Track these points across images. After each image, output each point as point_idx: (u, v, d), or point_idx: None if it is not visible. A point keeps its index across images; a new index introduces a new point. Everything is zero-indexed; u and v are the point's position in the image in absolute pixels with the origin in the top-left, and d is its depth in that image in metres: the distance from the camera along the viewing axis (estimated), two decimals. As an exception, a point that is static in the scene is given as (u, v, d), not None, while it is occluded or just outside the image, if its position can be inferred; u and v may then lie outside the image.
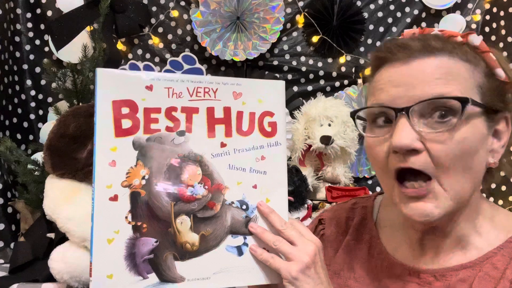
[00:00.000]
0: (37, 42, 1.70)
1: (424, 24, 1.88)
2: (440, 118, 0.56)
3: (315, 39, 1.81)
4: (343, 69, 1.86)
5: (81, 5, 1.53)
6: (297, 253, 0.59)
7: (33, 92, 1.70)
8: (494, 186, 0.63)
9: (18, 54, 1.68)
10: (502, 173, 0.65)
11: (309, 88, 1.86)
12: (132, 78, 0.60)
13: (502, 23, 1.91)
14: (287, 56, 1.84)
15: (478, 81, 0.58)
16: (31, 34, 1.69)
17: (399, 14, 1.88)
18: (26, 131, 1.69)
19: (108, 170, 0.58)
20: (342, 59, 1.84)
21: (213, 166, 0.62)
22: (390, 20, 1.88)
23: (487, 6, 1.89)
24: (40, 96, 1.71)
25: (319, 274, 0.60)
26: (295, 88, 1.85)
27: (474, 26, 1.89)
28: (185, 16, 1.78)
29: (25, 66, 1.69)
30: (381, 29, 1.87)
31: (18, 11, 1.67)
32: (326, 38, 1.81)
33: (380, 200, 0.77)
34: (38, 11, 1.69)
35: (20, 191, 1.43)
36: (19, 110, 1.68)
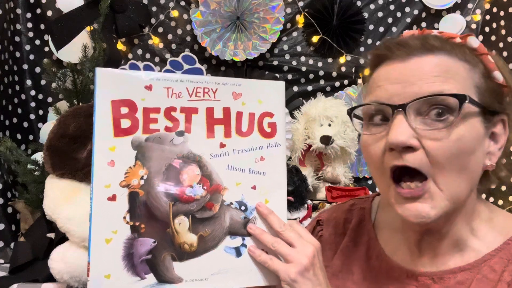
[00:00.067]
0: (37, 42, 1.70)
1: (424, 24, 1.88)
2: (437, 116, 0.55)
3: (315, 39, 1.81)
4: (343, 69, 1.86)
5: (81, 5, 1.53)
6: (296, 255, 0.59)
7: (33, 92, 1.70)
8: (494, 186, 0.63)
9: (18, 54, 1.68)
10: (503, 173, 0.64)
11: (309, 88, 1.86)
12: (132, 78, 0.60)
13: (502, 23, 1.91)
14: (287, 56, 1.84)
15: (476, 82, 0.57)
16: (31, 34, 1.69)
17: (399, 14, 1.88)
18: (26, 131, 1.69)
19: (107, 170, 0.58)
20: (342, 59, 1.84)
21: (212, 167, 0.62)
22: (390, 20, 1.88)
23: (487, 6, 1.89)
24: (40, 96, 1.71)
25: (318, 276, 0.60)
26: (295, 88, 1.84)
27: (474, 26, 1.89)
28: (185, 16, 1.78)
29: (25, 66, 1.69)
30: (381, 29, 1.87)
31: (18, 11, 1.67)
32: (326, 38, 1.80)
33: (378, 201, 0.77)
34: (38, 11, 1.69)
35: (20, 191, 1.43)
36: (19, 110, 1.68)
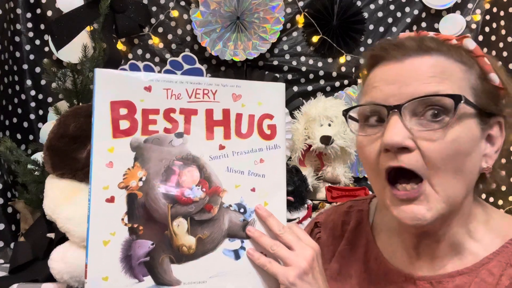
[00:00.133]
0: (37, 42, 1.70)
1: (424, 24, 1.88)
2: (433, 117, 0.55)
3: (315, 39, 1.81)
4: (343, 69, 1.86)
5: (81, 5, 1.53)
6: (295, 258, 0.59)
7: (33, 92, 1.70)
8: (494, 186, 0.63)
9: (18, 54, 1.68)
10: (503, 173, 0.64)
11: (309, 88, 1.86)
12: (131, 79, 0.59)
13: (502, 23, 1.91)
14: (287, 56, 1.84)
15: (472, 83, 0.57)
16: (31, 34, 1.69)
17: (399, 14, 1.88)
18: (26, 131, 1.69)
19: (105, 171, 0.58)
20: (342, 59, 1.84)
21: (211, 169, 0.62)
22: (390, 20, 1.87)
23: (487, 6, 1.89)
24: (40, 96, 1.71)
25: (317, 280, 0.59)
26: (295, 88, 1.84)
27: (474, 26, 1.89)
28: (185, 16, 1.78)
29: (25, 66, 1.69)
30: (381, 29, 1.87)
31: (18, 11, 1.67)
32: (326, 38, 1.80)
33: (376, 203, 0.76)
34: (38, 11, 1.69)
35: (20, 191, 1.43)
36: (19, 110, 1.68)
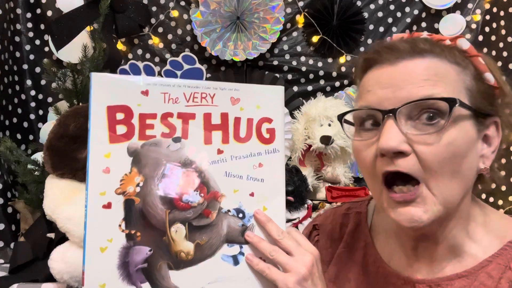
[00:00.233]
0: (37, 42, 1.70)
1: (424, 24, 1.88)
2: (428, 120, 0.54)
3: (315, 39, 1.81)
4: (343, 69, 1.86)
5: (81, 5, 1.53)
6: (294, 264, 0.58)
7: (33, 92, 1.70)
8: (494, 186, 0.62)
9: (18, 54, 1.68)
10: (503, 173, 0.64)
11: (309, 88, 1.86)
12: (128, 83, 0.59)
13: (502, 23, 1.91)
14: (287, 56, 1.84)
15: (467, 84, 0.57)
16: (31, 34, 1.69)
17: (399, 14, 1.88)
18: (26, 131, 1.69)
19: (102, 177, 0.57)
20: (342, 59, 1.84)
21: (210, 173, 0.61)
22: (390, 20, 1.87)
23: (487, 6, 1.89)
24: (40, 96, 1.71)
25: (316, 286, 0.59)
26: (295, 88, 1.84)
27: (474, 26, 1.89)
28: (185, 16, 1.78)
29: (25, 66, 1.69)
30: (381, 29, 1.87)
31: (18, 11, 1.67)
32: (326, 38, 1.80)
33: (374, 205, 0.76)
34: (38, 11, 1.69)
35: (20, 191, 1.43)
36: (19, 110, 1.68)
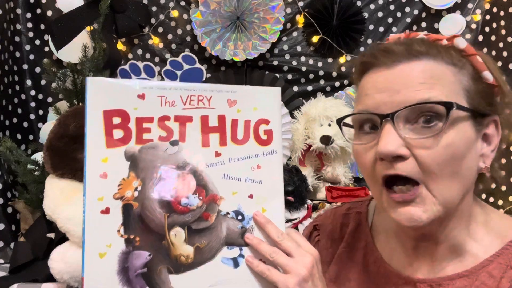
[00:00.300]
0: (37, 42, 1.70)
1: (424, 24, 1.88)
2: (426, 123, 0.55)
3: (315, 39, 1.81)
4: (343, 69, 1.86)
5: (81, 5, 1.53)
6: (294, 265, 0.58)
7: (33, 92, 1.70)
8: (494, 186, 0.62)
9: (18, 54, 1.68)
10: (503, 173, 0.64)
11: (309, 88, 1.86)
12: (124, 87, 0.58)
13: (502, 23, 1.91)
14: (287, 56, 1.84)
15: (465, 84, 0.57)
16: (31, 34, 1.69)
17: (399, 14, 1.88)
18: (26, 131, 1.69)
19: (99, 182, 0.56)
20: (342, 59, 1.84)
21: (208, 176, 0.61)
22: (390, 20, 1.87)
23: (487, 6, 1.89)
24: (40, 96, 1.71)
25: (317, 287, 0.59)
26: (295, 88, 1.84)
27: (474, 26, 1.89)
28: (185, 16, 1.78)
29: (25, 66, 1.68)
30: (381, 29, 1.87)
31: (18, 11, 1.67)
32: (326, 38, 1.80)
33: (375, 205, 0.76)
34: (38, 11, 1.69)
35: (20, 191, 1.43)
36: (19, 110, 1.68)
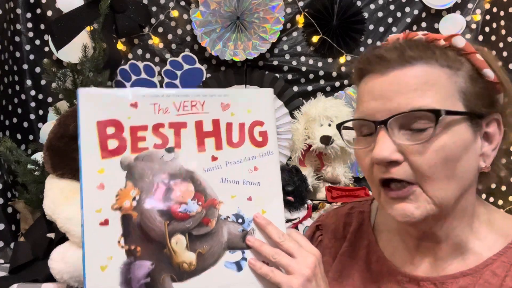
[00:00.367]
0: (37, 42, 1.70)
1: (424, 24, 1.88)
2: (418, 129, 0.56)
3: (315, 39, 1.81)
4: (343, 69, 1.86)
5: (81, 5, 1.53)
6: (297, 266, 0.58)
7: (33, 92, 1.70)
8: (494, 186, 0.63)
9: (18, 54, 1.68)
10: (502, 173, 0.64)
11: (309, 88, 1.86)
12: (116, 97, 0.58)
13: (502, 23, 1.91)
14: (287, 56, 1.84)
15: (461, 86, 0.57)
16: (31, 34, 1.69)
17: (399, 14, 1.88)
18: (26, 131, 1.69)
19: (97, 194, 0.56)
20: (342, 59, 1.84)
21: (206, 181, 0.60)
22: (390, 20, 1.87)
23: (487, 6, 1.88)
24: (40, 96, 1.71)
25: (320, 287, 0.59)
26: (295, 88, 1.84)
27: (474, 26, 1.89)
28: (185, 16, 1.78)
29: (25, 66, 1.68)
30: (381, 29, 1.87)
31: (18, 11, 1.67)
32: (326, 38, 1.80)
33: (377, 204, 0.77)
34: (38, 11, 1.69)
35: (20, 191, 1.43)
36: (19, 110, 1.68)
